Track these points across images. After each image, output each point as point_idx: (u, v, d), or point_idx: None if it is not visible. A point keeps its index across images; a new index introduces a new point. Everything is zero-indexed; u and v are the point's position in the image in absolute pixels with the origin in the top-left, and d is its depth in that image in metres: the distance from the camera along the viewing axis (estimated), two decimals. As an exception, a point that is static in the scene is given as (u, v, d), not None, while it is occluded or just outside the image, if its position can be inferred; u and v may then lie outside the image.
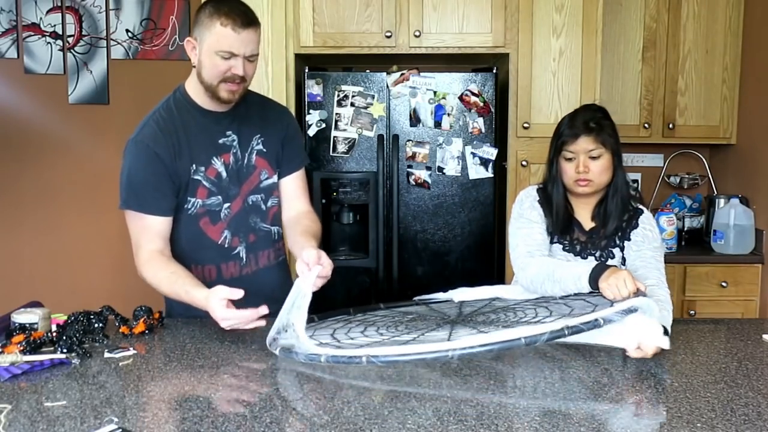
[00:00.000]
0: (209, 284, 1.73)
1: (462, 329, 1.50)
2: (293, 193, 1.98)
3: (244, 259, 1.88)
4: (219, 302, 1.59)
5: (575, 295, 1.72)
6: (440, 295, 1.97)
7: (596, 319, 1.34)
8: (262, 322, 1.61)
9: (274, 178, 1.92)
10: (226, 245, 1.86)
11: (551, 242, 1.91)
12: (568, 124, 1.85)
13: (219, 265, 1.87)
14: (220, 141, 1.83)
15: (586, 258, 1.89)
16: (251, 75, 1.77)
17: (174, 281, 1.70)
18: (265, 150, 1.89)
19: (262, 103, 1.97)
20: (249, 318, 1.60)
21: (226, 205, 1.84)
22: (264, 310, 1.59)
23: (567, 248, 1.90)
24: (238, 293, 1.59)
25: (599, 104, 1.94)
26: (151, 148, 1.75)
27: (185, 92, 1.84)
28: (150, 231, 1.78)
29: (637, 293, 1.57)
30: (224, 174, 1.82)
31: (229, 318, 1.60)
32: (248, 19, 1.70)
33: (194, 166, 1.79)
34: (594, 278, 1.65)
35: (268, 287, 1.88)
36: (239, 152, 1.85)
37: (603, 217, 1.89)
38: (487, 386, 1.36)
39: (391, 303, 1.94)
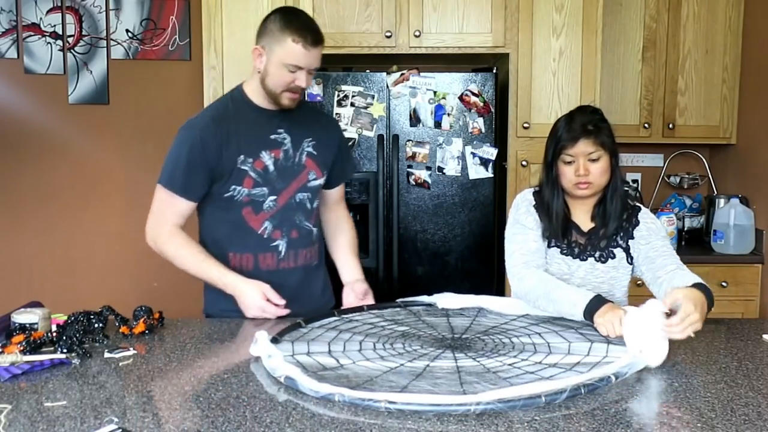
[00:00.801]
0: (246, 274, 1.89)
1: (465, 360, 1.49)
2: (337, 197, 2.14)
3: (283, 253, 1.95)
4: (259, 295, 1.81)
5: (567, 320, 1.74)
6: (424, 299, 1.96)
7: (609, 376, 1.37)
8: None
9: (321, 181, 2.01)
10: (265, 236, 1.92)
11: (549, 246, 1.90)
12: (565, 128, 1.83)
13: (257, 255, 1.93)
14: (272, 137, 1.91)
15: (585, 260, 1.88)
16: (310, 84, 1.90)
17: (203, 260, 1.86)
18: (315, 153, 1.98)
19: (315, 111, 2.14)
20: (274, 314, 1.81)
21: (272, 197, 1.91)
22: (285, 311, 1.81)
23: (565, 251, 1.89)
24: (281, 302, 1.81)
25: (595, 105, 1.93)
26: (198, 134, 1.85)
27: (243, 91, 1.94)
28: (175, 209, 1.88)
29: None
30: (272, 167, 1.90)
31: (256, 313, 1.82)
32: (317, 37, 1.83)
33: (242, 156, 1.87)
34: (589, 311, 1.66)
35: (304, 287, 1.95)
36: (291, 150, 1.93)
37: (603, 217, 1.88)
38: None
39: (374, 305, 1.95)
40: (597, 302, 1.66)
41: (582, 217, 1.91)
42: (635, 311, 1.54)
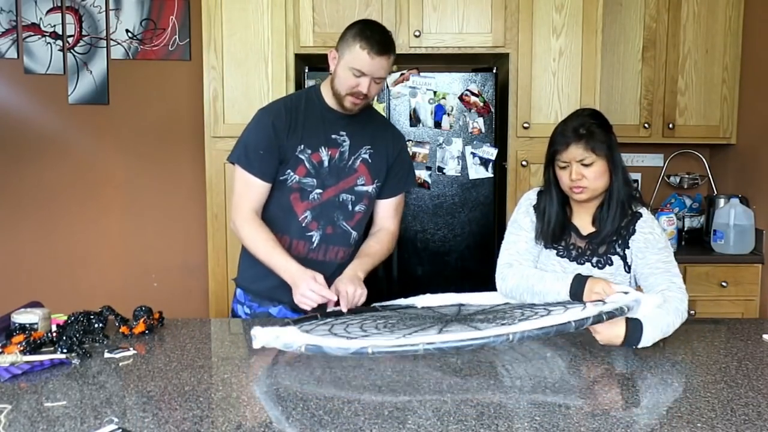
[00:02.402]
0: None
1: (476, 323, 1.49)
2: (386, 213, 2.15)
3: (314, 245, 2.03)
4: (312, 283, 1.83)
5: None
6: (401, 301, 1.95)
7: (622, 307, 1.44)
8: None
9: (369, 188, 2.07)
10: (303, 224, 2.02)
11: (545, 247, 1.89)
12: (559, 132, 1.82)
13: (292, 239, 2.02)
14: (333, 136, 2.02)
15: (582, 264, 1.86)
16: (375, 93, 2.00)
17: (272, 247, 1.93)
18: (370, 161, 2.06)
19: (383, 123, 2.21)
20: (322, 301, 1.84)
21: (318, 190, 2.01)
22: (333, 298, 1.84)
23: (561, 254, 1.87)
24: (331, 296, 1.84)
25: (594, 107, 1.91)
26: (271, 119, 1.99)
27: (319, 90, 2.07)
28: (252, 191, 1.99)
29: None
30: (326, 164, 2.01)
31: (308, 298, 1.83)
32: (384, 48, 1.92)
33: (302, 146, 1.99)
34: (575, 295, 1.70)
35: (329, 281, 1.95)
36: (347, 153, 2.03)
37: (600, 221, 1.86)
38: (487, 386, 1.36)
39: (353, 309, 1.88)
40: (579, 284, 1.69)
41: (583, 220, 1.89)
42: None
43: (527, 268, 1.85)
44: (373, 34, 1.92)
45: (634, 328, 1.55)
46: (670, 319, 1.62)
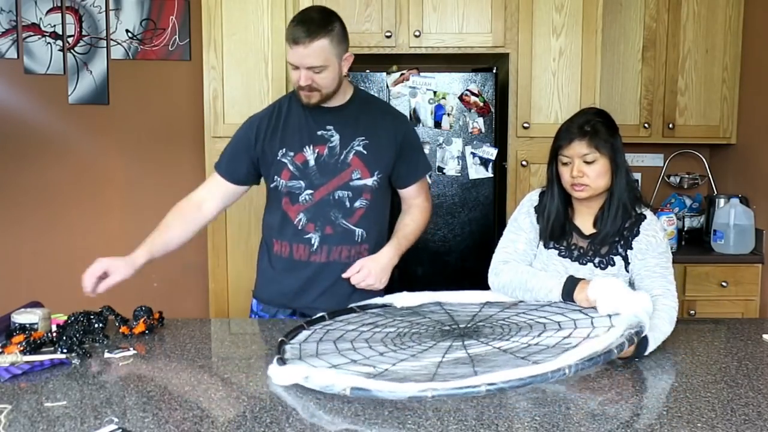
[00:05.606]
0: (283, 261, 2.00)
1: (498, 342, 1.46)
2: (413, 194, 2.09)
3: (315, 246, 1.97)
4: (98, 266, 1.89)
5: (545, 303, 1.75)
6: (377, 300, 1.90)
7: (640, 326, 1.44)
8: None
9: (368, 181, 1.97)
10: (300, 227, 1.97)
11: (546, 247, 1.89)
12: (564, 128, 1.82)
13: (292, 244, 1.99)
14: (318, 133, 1.97)
15: (585, 264, 1.85)
16: (324, 84, 1.87)
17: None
18: (365, 152, 1.97)
19: (381, 111, 2.06)
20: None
21: (309, 191, 1.96)
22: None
23: (563, 254, 1.86)
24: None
25: (600, 107, 1.90)
26: (249, 125, 2.03)
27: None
28: (213, 184, 2.05)
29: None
30: (312, 162, 1.95)
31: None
32: (305, 34, 1.80)
33: (284, 149, 1.96)
34: (567, 292, 1.68)
35: (336, 285, 1.96)
36: (338, 148, 1.96)
37: (601, 222, 1.85)
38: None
39: (333, 311, 1.83)
40: (572, 284, 1.68)
41: (585, 220, 1.88)
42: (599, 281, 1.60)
43: (522, 265, 1.85)
44: (295, 25, 1.84)
45: (641, 342, 1.54)
46: (667, 329, 1.63)
